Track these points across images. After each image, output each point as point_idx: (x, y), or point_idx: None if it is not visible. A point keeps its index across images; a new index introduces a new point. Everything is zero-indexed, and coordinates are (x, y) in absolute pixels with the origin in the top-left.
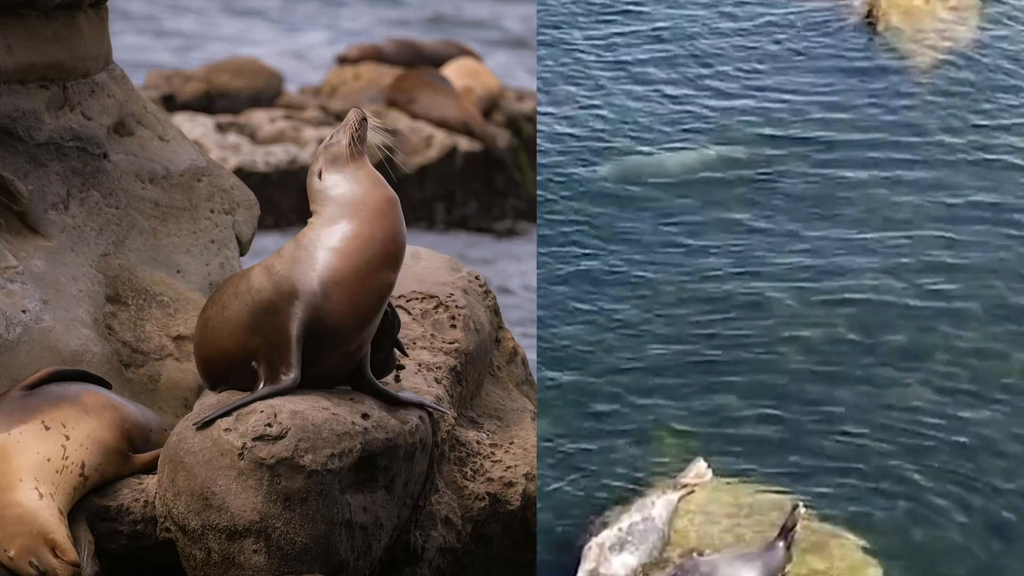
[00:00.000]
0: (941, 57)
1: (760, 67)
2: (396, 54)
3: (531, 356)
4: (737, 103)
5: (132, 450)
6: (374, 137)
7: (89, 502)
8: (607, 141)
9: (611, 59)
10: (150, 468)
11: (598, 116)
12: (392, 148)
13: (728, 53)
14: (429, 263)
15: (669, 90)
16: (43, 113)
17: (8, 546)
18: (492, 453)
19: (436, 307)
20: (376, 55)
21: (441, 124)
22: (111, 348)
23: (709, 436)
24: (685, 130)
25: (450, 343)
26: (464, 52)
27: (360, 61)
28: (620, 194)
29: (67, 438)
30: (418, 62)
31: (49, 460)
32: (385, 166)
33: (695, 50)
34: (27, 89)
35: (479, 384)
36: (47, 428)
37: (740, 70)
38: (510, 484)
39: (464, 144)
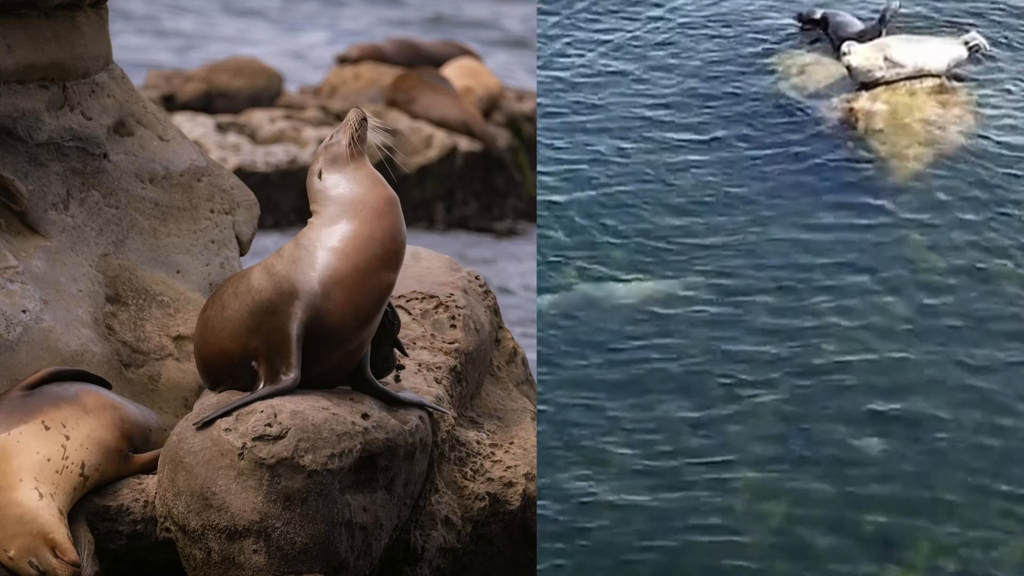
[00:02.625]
0: (926, 165)
1: (720, 179)
2: (396, 54)
3: (531, 356)
4: (700, 227)
5: (132, 450)
6: (374, 137)
7: (89, 502)
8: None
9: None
10: (150, 468)
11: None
12: (392, 148)
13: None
14: (429, 263)
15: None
16: (43, 113)
17: (8, 546)
18: (492, 453)
19: (436, 307)
20: (376, 55)
21: (441, 124)
22: (111, 348)
23: None
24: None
25: (450, 343)
26: (464, 52)
27: (360, 61)
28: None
29: (67, 438)
30: (418, 62)
31: (49, 460)
32: (385, 166)
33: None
34: (27, 89)
35: (479, 384)
36: (47, 428)
37: (703, 179)
38: (510, 484)
39: (464, 144)
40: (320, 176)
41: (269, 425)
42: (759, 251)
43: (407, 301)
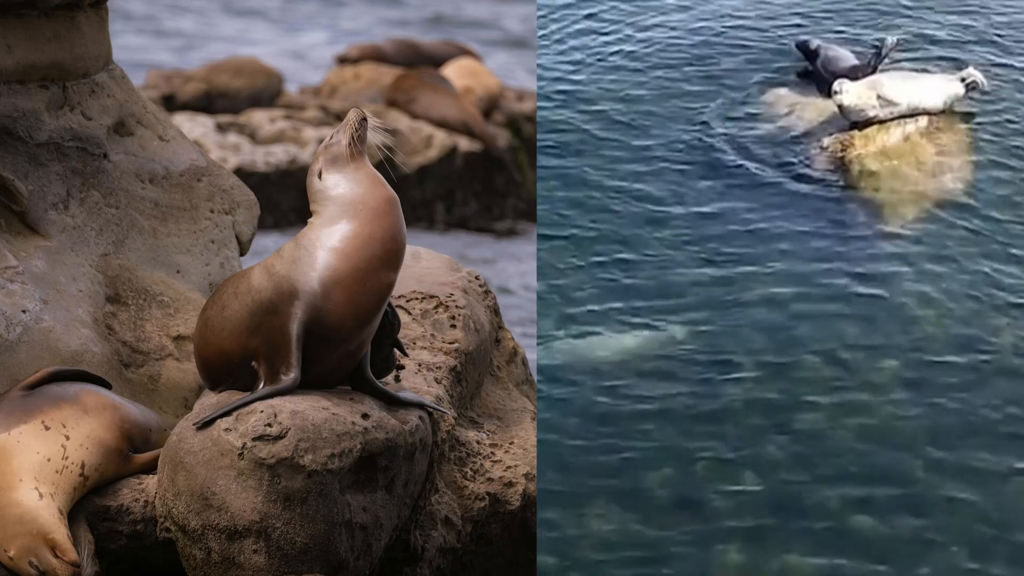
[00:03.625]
0: (925, 210)
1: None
2: (396, 54)
3: (531, 356)
4: (684, 272)
5: (132, 450)
6: (374, 137)
7: (89, 502)
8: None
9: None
10: (150, 468)
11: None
12: (392, 148)
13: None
14: (429, 263)
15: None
16: (43, 113)
17: (8, 546)
18: (492, 453)
19: (436, 307)
20: (376, 55)
21: (441, 124)
22: (111, 348)
23: None
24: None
25: (450, 343)
26: (464, 52)
27: (360, 61)
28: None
29: (67, 438)
30: (418, 62)
31: (49, 460)
32: (385, 166)
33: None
34: (27, 89)
35: (479, 384)
36: (47, 428)
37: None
38: (510, 484)
39: (464, 144)
40: (320, 176)
41: (269, 425)
42: (743, 305)
43: (407, 301)
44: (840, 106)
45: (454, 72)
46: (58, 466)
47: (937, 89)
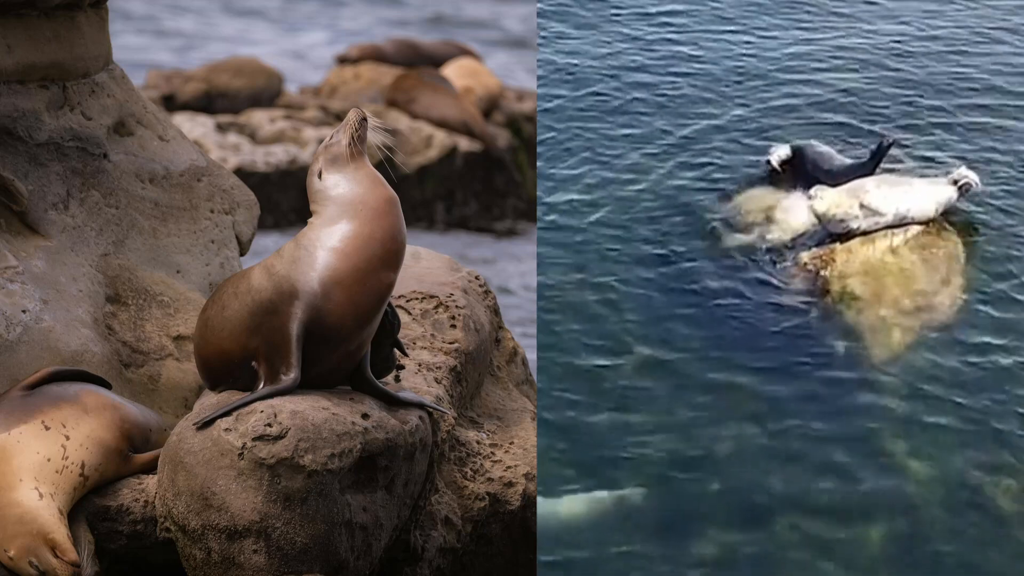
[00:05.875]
0: (912, 342)
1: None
2: (396, 54)
3: (531, 356)
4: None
5: (132, 450)
6: (374, 137)
7: (89, 502)
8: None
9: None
10: (150, 468)
11: None
12: (392, 148)
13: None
14: (429, 263)
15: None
16: (43, 113)
17: (8, 546)
18: (492, 453)
19: (436, 307)
20: (376, 55)
21: (441, 124)
22: (111, 348)
23: None
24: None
25: (450, 343)
26: (464, 52)
27: (360, 61)
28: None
29: (67, 438)
30: (418, 62)
31: (49, 460)
32: (385, 166)
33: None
34: (27, 89)
35: (479, 384)
36: (47, 428)
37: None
38: (510, 484)
39: (464, 144)
40: (320, 176)
41: (269, 425)
42: (713, 456)
43: (407, 301)
44: (817, 216)
45: (454, 72)
46: (58, 466)
47: (927, 196)
